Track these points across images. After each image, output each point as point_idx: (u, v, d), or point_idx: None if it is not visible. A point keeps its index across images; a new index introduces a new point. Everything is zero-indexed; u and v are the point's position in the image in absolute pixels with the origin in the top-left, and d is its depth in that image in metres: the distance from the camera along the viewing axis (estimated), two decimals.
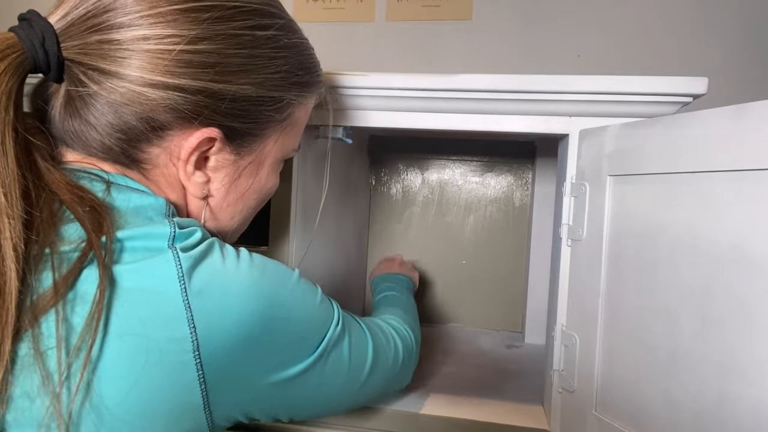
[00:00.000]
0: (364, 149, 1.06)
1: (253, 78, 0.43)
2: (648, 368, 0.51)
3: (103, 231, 0.36)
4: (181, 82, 0.39)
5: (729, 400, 0.43)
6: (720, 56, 1.03)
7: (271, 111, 0.45)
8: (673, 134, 0.49)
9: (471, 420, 0.64)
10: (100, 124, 0.40)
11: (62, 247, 0.35)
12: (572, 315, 0.61)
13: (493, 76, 0.60)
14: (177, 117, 0.41)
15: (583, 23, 1.07)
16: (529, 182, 1.06)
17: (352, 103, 0.65)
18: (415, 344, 0.63)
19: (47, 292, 0.33)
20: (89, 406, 0.33)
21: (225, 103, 0.42)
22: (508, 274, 1.06)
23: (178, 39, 0.39)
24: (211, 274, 0.37)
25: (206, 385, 0.36)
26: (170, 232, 0.38)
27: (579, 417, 0.59)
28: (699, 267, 0.46)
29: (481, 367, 0.83)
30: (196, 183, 0.45)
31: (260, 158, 0.48)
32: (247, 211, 0.51)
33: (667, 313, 0.49)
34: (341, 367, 0.47)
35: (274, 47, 0.44)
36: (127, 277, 0.35)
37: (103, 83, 0.39)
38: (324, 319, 0.45)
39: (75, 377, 0.32)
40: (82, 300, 0.34)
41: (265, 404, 0.42)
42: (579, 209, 0.60)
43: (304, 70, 0.48)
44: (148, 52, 0.38)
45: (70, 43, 0.38)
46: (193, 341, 0.35)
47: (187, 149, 0.42)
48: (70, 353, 0.32)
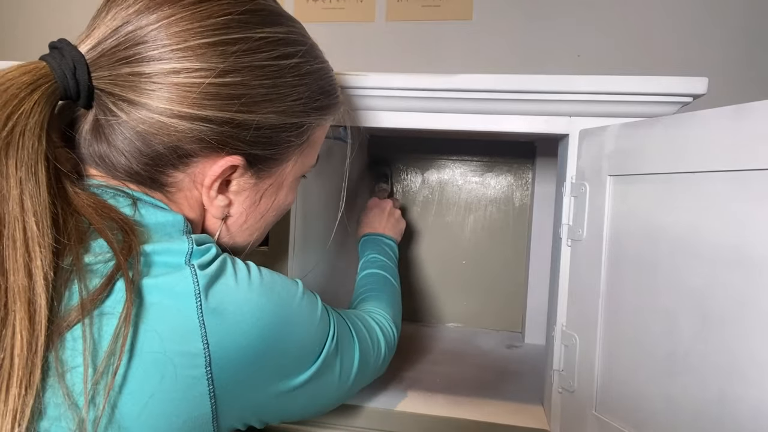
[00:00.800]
0: (364, 149, 1.06)
1: (277, 106, 0.44)
2: (648, 368, 0.51)
3: (132, 251, 0.37)
4: (209, 114, 0.40)
5: (729, 400, 0.43)
6: (720, 56, 1.03)
7: (291, 136, 0.46)
8: (673, 134, 0.49)
9: (471, 420, 0.64)
10: (128, 151, 0.41)
11: (89, 263, 0.36)
12: (572, 315, 0.61)
13: (493, 76, 0.60)
14: (203, 147, 0.42)
15: (583, 23, 1.07)
16: (529, 182, 1.06)
17: (352, 103, 0.65)
18: (395, 340, 0.64)
19: (73, 309, 0.34)
20: (113, 424, 0.33)
21: (250, 132, 0.43)
22: (508, 275, 1.06)
23: (207, 73, 0.40)
24: (225, 292, 0.38)
25: (216, 399, 0.37)
26: (188, 248, 0.39)
27: (579, 417, 0.59)
28: (699, 267, 0.46)
29: (481, 367, 0.83)
30: (218, 206, 0.46)
31: (280, 180, 0.49)
32: (266, 227, 0.52)
33: (667, 314, 0.49)
34: (333, 377, 0.49)
35: (296, 75, 0.45)
36: (150, 291, 0.36)
37: (132, 113, 0.40)
38: (323, 332, 0.47)
39: (100, 399, 0.33)
40: (109, 316, 0.35)
41: (264, 412, 0.44)
42: (579, 209, 0.60)
43: (324, 94, 0.49)
44: (177, 86, 0.39)
45: (100, 74, 0.39)
46: (206, 356, 0.36)
47: (211, 176, 0.43)
48: (95, 373, 0.33)
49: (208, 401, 0.37)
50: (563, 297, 0.62)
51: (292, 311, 0.43)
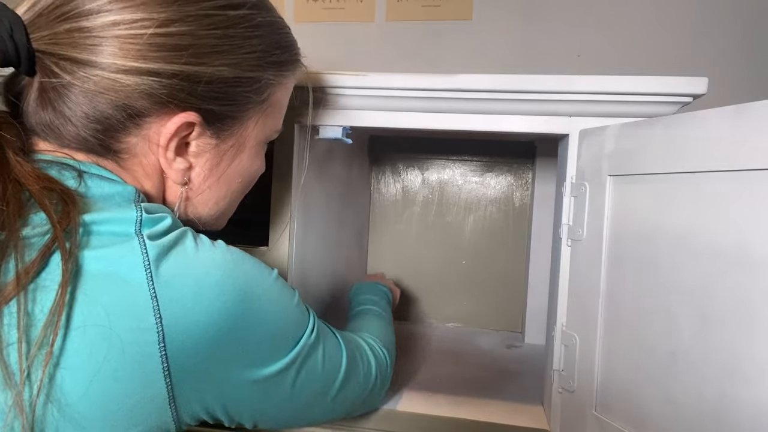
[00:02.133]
0: (364, 149, 1.06)
1: (229, 59, 0.42)
2: (648, 368, 0.51)
3: (71, 221, 0.35)
4: (155, 67, 0.39)
5: (729, 400, 0.43)
6: (720, 56, 1.03)
7: (249, 92, 0.45)
8: (673, 134, 0.49)
9: (471, 420, 0.64)
10: (75, 116, 0.39)
11: (27, 236, 0.35)
12: (572, 315, 0.61)
13: (493, 76, 0.60)
14: (153, 103, 0.40)
15: (583, 23, 1.07)
16: (529, 182, 1.06)
17: (351, 103, 0.65)
18: (389, 367, 0.61)
19: (9, 282, 0.33)
20: (52, 401, 0.32)
21: (201, 86, 0.41)
22: (508, 274, 1.06)
23: (149, 22, 0.38)
24: (182, 263, 0.37)
25: (171, 379, 0.35)
26: (137, 216, 0.37)
27: (579, 417, 0.59)
28: (699, 267, 0.46)
29: (481, 367, 0.83)
30: (177, 169, 0.44)
31: (241, 141, 0.47)
32: (231, 196, 0.50)
33: (667, 313, 0.49)
34: (313, 376, 0.46)
35: (248, 26, 0.43)
36: (92, 263, 0.34)
37: (76, 73, 0.38)
38: (299, 323, 0.44)
39: (37, 373, 0.32)
40: (46, 289, 0.33)
41: (230, 404, 0.41)
42: (579, 209, 0.60)
43: (281, 48, 0.47)
44: (119, 38, 0.38)
45: (39, 34, 0.38)
46: (159, 332, 0.34)
47: (166, 135, 0.42)
48: (31, 348, 0.32)
49: (163, 381, 0.35)
50: (563, 297, 0.62)
51: (260, 291, 0.40)
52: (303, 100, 0.60)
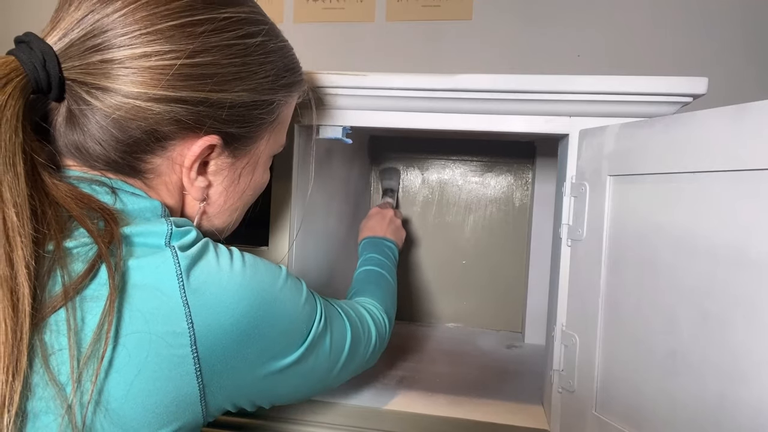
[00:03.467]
0: (364, 149, 1.06)
1: (247, 84, 0.45)
2: (648, 368, 0.51)
3: (114, 237, 0.38)
4: (183, 95, 0.41)
5: (729, 400, 0.43)
6: (720, 56, 1.03)
7: (263, 114, 0.48)
8: (673, 134, 0.49)
9: (471, 420, 0.64)
10: (104, 139, 0.41)
11: (70, 248, 0.37)
12: (572, 315, 0.61)
13: (493, 76, 0.60)
14: (180, 128, 0.43)
15: (583, 23, 1.07)
16: (529, 182, 1.06)
17: (352, 103, 0.65)
18: (387, 331, 0.65)
19: (56, 295, 0.35)
20: (101, 407, 0.34)
21: (225, 111, 0.44)
22: (508, 274, 1.06)
23: (178, 54, 0.41)
24: (208, 273, 0.39)
25: (202, 378, 0.39)
26: (167, 230, 0.40)
27: (579, 417, 0.59)
28: (699, 267, 0.46)
29: (481, 367, 0.83)
30: (198, 188, 0.47)
31: (255, 158, 0.50)
32: (243, 207, 0.54)
33: (667, 313, 0.49)
34: (323, 357, 0.50)
35: (262, 53, 0.46)
36: (133, 272, 0.37)
37: (107, 100, 0.40)
38: (310, 314, 0.48)
39: (87, 381, 0.34)
40: (93, 299, 0.36)
41: (253, 394, 0.45)
42: (579, 209, 0.60)
43: (289, 71, 0.50)
44: (150, 69, 0.40)
45: (71, 64, 0.39)
46: (191, 336, 0.37)
47: (191, 157, 0.44)
48: (81, 358, 0.34)
49: (195, 380, 0.38)
50: (563, 297, 0.62)
51: (275, 291, 0.44)
52: (302, 103, 0.61)
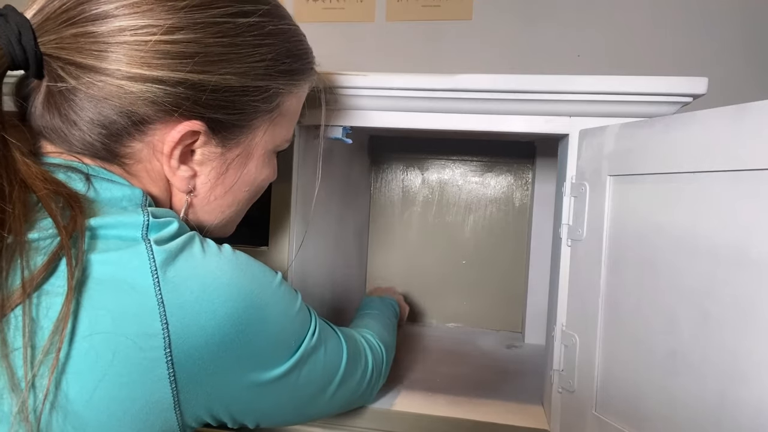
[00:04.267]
0: (364, 149, 1.06)
1: (236, 67, 0.41)
2: (648, 368, 0.51)
3: (77, 226, 0.35)
4: (160, 74, 0.38)
5: (729, 400, 0.43)
6: (720, 56, 1.03)
7: (257, 101, 0.44)
8: (673, 134, 0.49)
9: (471, 420, 0.64)
10: (81, 120, 0.39)
11: (33, 240, 0.34)
12: (572, 315, 0.61)
13: (493, 76, 0.60)
14: (158, 110, 0.40)
15: (583, 23, 1.07)
16: (529, 182, 1.06)
17: (352, 103, 0.65)
18: (385, 365, 0.62)
19: (16, 289, 0.32)
20: (57, 408, 0.32)
21: (206, 95, 0.40)
22: (508, 274, 1.06)
23: (155, 29, 0.38)
24: (189, 269, 0.36)
25: (177, 384, 0.35)
26: (143, 221, 0.37)
27: (579, 417, 0.59)
28: (699, 267, 0.46)
29: (481, 367, 0.83)
30: (181, 177, 0.44)
31: (248, 150, 0.47)
32: (239, 205, 0.50)
33: (667, 313, 0.49)
34: (314, 376, 0.46)
35: (257, 35, 0.42)
36: (98, 268, 0.34)
37: (82, 78, 0.38)
38: (302, 326, 0.45)
39: (42, 380, 0.32)
40: (52, 295, 0.33)
41: (234, 407, 0.41)
42: (579, 209, 0.60)
43: (292, 57, 0.46)
44: (125, 44, 0.37)
45: (46, 38, 0.37)
46: (165, 338, 0.34)
47: (170, 143, 0.41)
48: (37, 355, 0.32)
49: (168, 386, 0.35)
50: (563, 297, 0.62)
51: (266, 295, 0.40)
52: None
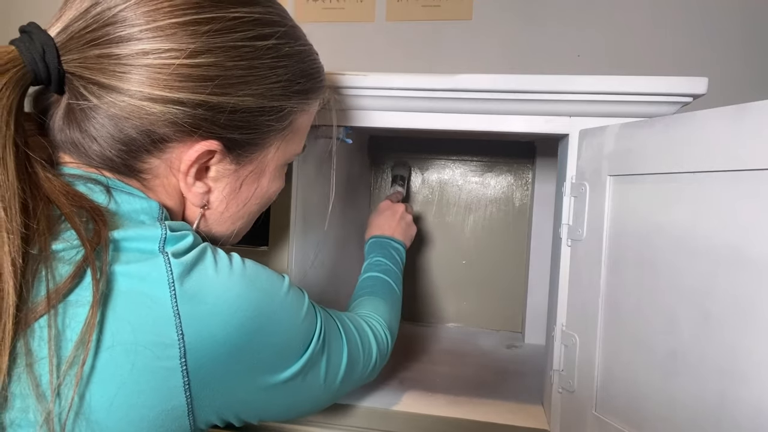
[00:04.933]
0: (364, 149, 1.06)
1: (254, 89, 0.43)
2: (648, 368, 0.51)
3: (101, 239, 0.36)
4: (181, 96, 0.39)
5: (729, 400, 0.43)
6: (720, 56, 1.03)
7: (271, 121, 0.45)
8: (673, 134, 0.49)
9: (471, 420, 0.64)
10: (101, 136, 0.40)
11: (57, 251, 0.35)
12: (572, 315, 0.61)
13: (493, 76, 0.60)
14: (177, 130, 0.41)
15: (583, 23, 1.07)
16: (529, 182, 1.06)
17: (352, 103, 0.65)
18: (388, 348, 0.62)
19: (41, 300, 0.33)
20: (81, 417, 0.33)
21: (225, 116, 0.42)
22: (508, 274, 1.06)
23: (177, 53, 0.39)
24: (203, 281, 0.38)
25: (191, 392, 0.37)
26: (161, 234, 0.38)
27: (579, 417, 0.59)
28: (699, 267, 0.46)
29: (481, 367, 0.83)
30: (196, 193, 0.45)
31: (262, 166, 0.48)
32: (249, 216, 0.51)
33: (667, 313, 0.49)
34: (319, 375, 0.47)
35: (274, 57, 0.44)
36: (121, 280, 0.35)
37: (104, 97, 0.39)
38: (308, 330, 0.46)
39: (67, 390, 0.32)
40: (76, 305, 0.34)
41: (243, 409, 0.43)
42: (579, 209, 0.60)
43: (306, 77, 0.47)
44: (148, 67, 0.38)
45: (70, 57, 0.38)
46: (181, 348, 0.36)
47: (187, 162, 0.42)
48: (62, 365, 0.33)
49: (183, 394, 0.36)
50: (563, 297, 0.62)
51: (275, 304, 0.42)
52: None
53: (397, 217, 0.83)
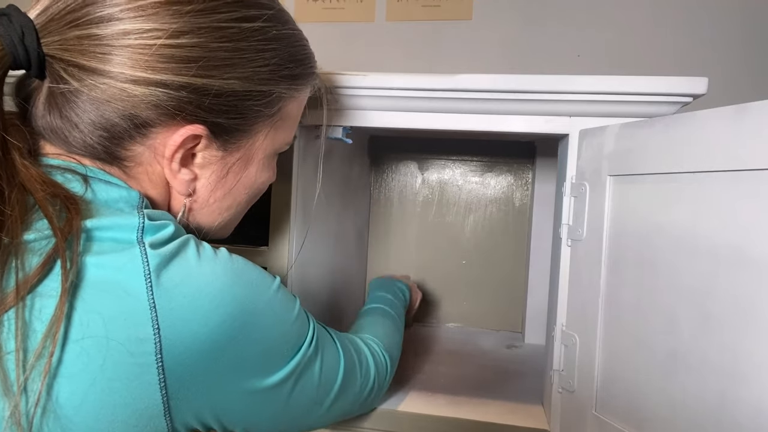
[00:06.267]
0: (364, 149, 1.06)
1: (240, 72, 0.41)
2: (648, 368, 0.51)
3: (73, 228, 0.34)
4: (164, 78, 0.38)
5: (729, 400, 0.43)
6: (720, 56, 1.03)
7: (259, 106, 0.44)
8: (673, 134, 0.49)
9: (471, 420, 0.64)
10: (82, 122, 0.39)
11: (29, 241, 0.34)
12: (572, 315, 0.61)
13: (493, 76, 0.60)
14: (160, 114, 0.39)
15: (583, 23, 1.07)
16: (529, 182, 1.06)
17: (352, 103, 0.65)
18: (388, 373, 0.61)
19: (10, 291, 0.32)
20: (49, 412, 0.32)
21: (209, 99, 0.40)
22: (508, 274, 1.06)
23: (159, 33, 0.37)
24: (182, 273, 0.36)
25: (167, 390, 0.35)
26: (139, 223, 0.36)
27: (579, 417, 0.59)
28: (699, 267, 0.46)
29: (481, 367, 0.83)
30: (182, 180, 0.43)
31: (249, 154, 0.46)
32: (238, 207, 0.50)
33: (667, 313, 0.49)
34: (309, 387, 0.45)
35: (261, 39, 0.42)
36: (92, 270, 0.34)
37: (84, 80, 0.38)
38: (298, 335, 0.44)
39: (35, 384, 0.31)
40: (45, 297, 0.33)
41: (224, 415, 0.40)
42: (579, 209, 0.60)
43: (295, 62, 0.46)
44: (129, 48, 0.37)
45: (50, 39, 0.37)
46: (156, 343, 0.34)
47: (172, 147, 0.41)
48: (29, 358, 0.31)
49: (158, 392, 0.34)
50: (563, 297, 0.62)
51: (261, 302, 0.40)
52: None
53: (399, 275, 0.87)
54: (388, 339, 0.64)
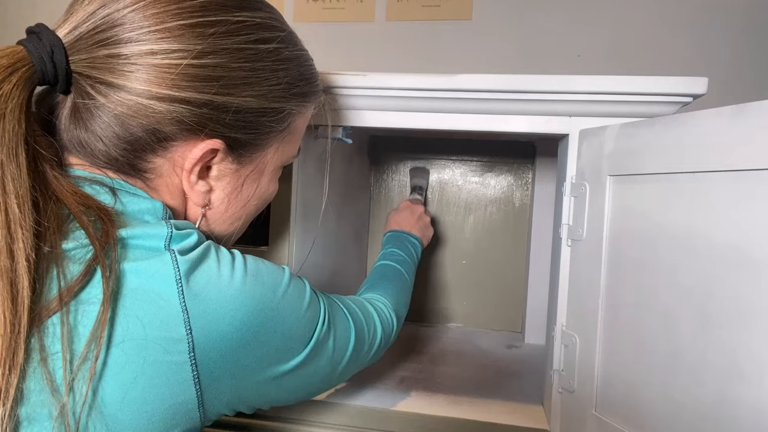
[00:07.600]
0: (364, 149, 1.06)
1: (256, 90, 0.44)
2: (648, 368, 0.51)
3: (109, 237, 0.37)
4: (187, 95, 0.41)
5: (728, 400, 0.43)
6: (720, 56, 1.03)
7: (272, 122, 0.47)
8: (673, 134, 0.49)
9: (471, 420, 0.64)
10: (106, 135, 0.41)
11: (67, 250, 0.36)
12: (572, 315, 0.61)
13: (493, 76, 0.60)
14: (182, 129, 0.42)
15: (583, 23, 1.07)
16: (529, 182, 1.06)
17: (351, 103, 0.65)
18: (394, 331, 0.64)
19: (53, 298, 0.34)
20: (95, 411, 0.34)
21: (229, 115, 0.43)
22: (508, 274, 1.06)
23: (185, 54, 0.40)
24: (208, 278, 0.39)
25: (200, 385, 0.38)
26: (167, 232, 0.39)
27: (579, 417, 0.59)
28: (698, 267, 0.46)
29: (481, 367, 0.83)
30: (198, 192, 0.46)
31: (261, 167, 0.49)
32: (246, 217, 0.53)
33: (667, 314, 0.49)
34: (325, 360, 0.49)
35: (275, 60, 0.45)
36: (130, 277, 0.36)
37: (111, 96, 0.40)
38: (312, 318, 0.47)
39: (81, 385, 0.33)
40: (88, 303, 0.35)
41: (253, 399, 0.44)
42: (579, 209, 0.60)
43: (304, 80, 0.49)
44: (155, 67, 0.40)
45: (78, 57, 0.39)
46: (189, 343, 0.37)
47: (192, 160, 0.44)
48: (75, 361, 0.34)
49: (193, 387, 0.37)
50: (563, 297, 0.62)
51: (277, 298, 0.43)
52: None
53: (416, 216, 0.87)
54: (397, 299, 0.67)
